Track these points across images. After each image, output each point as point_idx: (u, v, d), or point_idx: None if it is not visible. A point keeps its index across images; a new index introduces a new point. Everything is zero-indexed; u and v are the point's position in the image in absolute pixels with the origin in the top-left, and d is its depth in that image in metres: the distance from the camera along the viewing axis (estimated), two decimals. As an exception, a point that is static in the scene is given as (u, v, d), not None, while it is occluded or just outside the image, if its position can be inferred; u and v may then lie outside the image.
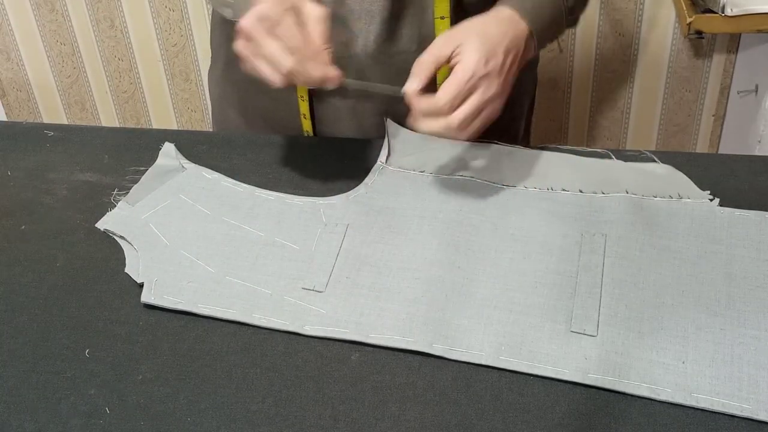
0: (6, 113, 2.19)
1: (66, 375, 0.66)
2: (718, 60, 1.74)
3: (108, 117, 2.15)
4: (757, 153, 1.60)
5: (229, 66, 0.99)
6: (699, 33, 1.51)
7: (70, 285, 0.75)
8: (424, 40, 0.85)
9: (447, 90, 0.73)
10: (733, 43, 1.71)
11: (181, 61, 2.01)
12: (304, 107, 0.93)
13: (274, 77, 0.73)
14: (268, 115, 0.97)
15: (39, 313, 0.72)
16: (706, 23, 1.47)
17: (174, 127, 2.13)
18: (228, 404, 0.63)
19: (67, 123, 2.12)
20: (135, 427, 0.61)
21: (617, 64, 1.78)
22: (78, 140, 0.95)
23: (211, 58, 1.04)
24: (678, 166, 0.84)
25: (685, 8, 1.50)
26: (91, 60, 2.06)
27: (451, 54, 0.75)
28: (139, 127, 2.14)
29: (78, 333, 0.70)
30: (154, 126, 2.14)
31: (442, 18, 0.86)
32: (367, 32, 0.86)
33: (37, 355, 0.68)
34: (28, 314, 0.72)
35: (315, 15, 0.72)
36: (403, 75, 0.82)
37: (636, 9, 1.71)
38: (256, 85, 0.95)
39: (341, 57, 0.86)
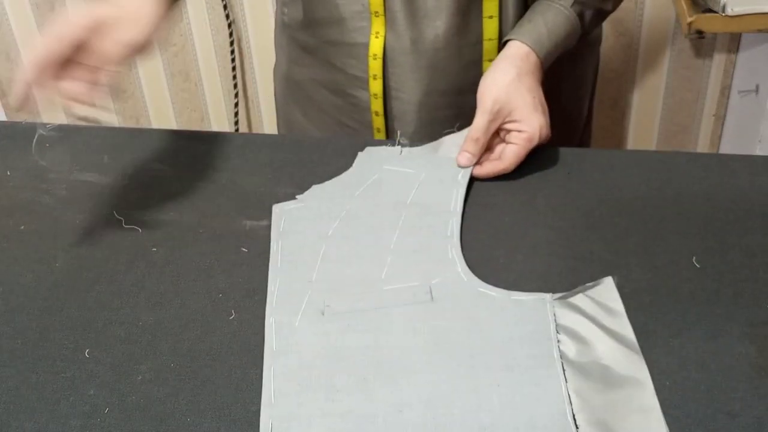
0: (6, 113, 2.19)
1: (66, 375, 0.66)
2: (718, 60, 1.74)
3: (108, 117, 2.15)
4: (757, 153, 1.60)
5: (291, 66, 1.01)
6: (699, 33, 1.51)
7: (70, 285, 0.75)
8: None
9: (516, 157, 0.82)
10: (733, 42, 1.71)
11: (181, 61, 2.01)
12: (377, 105, 0.94)
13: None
14: (335, 112, 0.98)
15: (39, 313, 0.72)
16: (707, 23, 1.46)
17: (174, 127, 2.13)
18: (228, 404, 0.62)
19: (67, 123, 2.12)
20: (135, 428, 0.61)
21: (617, 64, 1.78)
22: (78, 140, 0.95)
23: (276, 56, 1.06)
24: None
25: (685, 8, 1.49)
26: (91, 60, 2.05)
27: (502, 123, 0.82)
28: (139, 126, 2.14)
29: (78, 333, 0.69)
30: (154, 126, 2.14)
31: (490, 17, 0.88)
32: (436, 27, 0.88)
33: (37, 355, 0.68)
34: (28, 314, 0.72)
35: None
36: (473, 66, 0.89)
37: (636, 9, 1.71)
38: (322, 84, 0.97)
39: (412, 53, 0.89)
